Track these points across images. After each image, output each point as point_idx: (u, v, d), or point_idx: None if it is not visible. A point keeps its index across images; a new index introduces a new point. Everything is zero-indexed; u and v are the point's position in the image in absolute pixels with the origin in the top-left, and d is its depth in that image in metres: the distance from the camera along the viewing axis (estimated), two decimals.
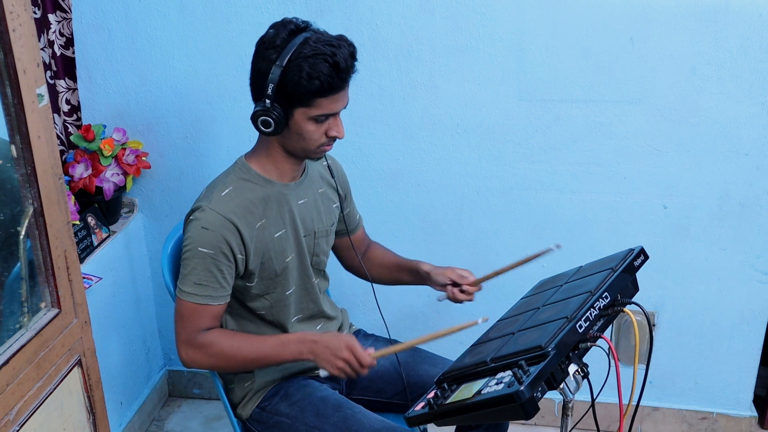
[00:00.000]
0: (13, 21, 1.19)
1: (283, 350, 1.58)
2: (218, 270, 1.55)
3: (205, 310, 1.56)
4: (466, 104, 2.19)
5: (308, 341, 1.57)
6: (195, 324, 1.57)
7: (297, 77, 1.46)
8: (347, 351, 1.53)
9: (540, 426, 2.55)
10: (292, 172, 1.66)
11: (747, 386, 2.39)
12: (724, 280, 2.28)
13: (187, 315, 1.57)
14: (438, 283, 1.79)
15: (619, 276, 1.40)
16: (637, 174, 2.20)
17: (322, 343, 1.55)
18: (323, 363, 1.55)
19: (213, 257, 1.54)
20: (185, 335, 1.58)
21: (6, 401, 1.21)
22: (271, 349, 1.59)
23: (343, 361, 1.53)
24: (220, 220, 1.53)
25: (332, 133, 1.56)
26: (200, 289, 1.55)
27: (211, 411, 2.63)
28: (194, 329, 1.57)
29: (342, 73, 1.48)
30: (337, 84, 1.49)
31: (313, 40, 1.48)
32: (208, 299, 1.56)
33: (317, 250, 1.75)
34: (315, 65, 1.45)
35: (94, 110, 2.33)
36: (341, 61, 1.47)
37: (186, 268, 1.56)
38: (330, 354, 1.54)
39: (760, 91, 2.06)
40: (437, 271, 1.79)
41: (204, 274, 1.54)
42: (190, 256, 1.55)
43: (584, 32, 2.07)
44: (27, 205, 1.29)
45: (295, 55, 1.46)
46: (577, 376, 1.27)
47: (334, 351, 1.53)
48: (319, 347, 1.55)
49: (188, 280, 1.55)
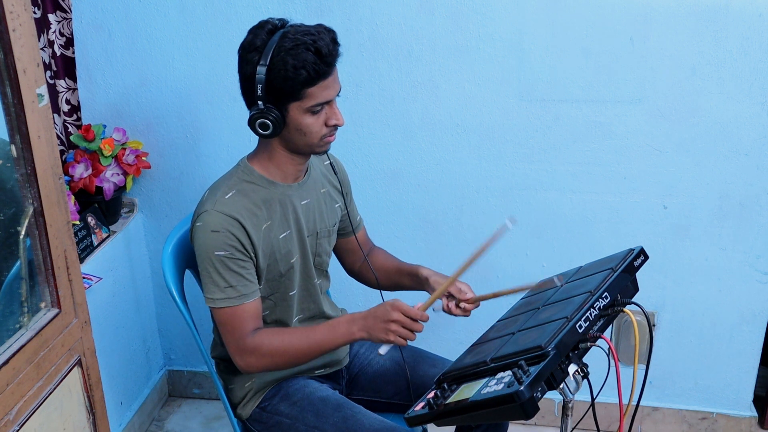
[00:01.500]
0: (13, 21, 1.19)
1: (335, 334, 1.55)
2: (241, 267, 1.54)
3: (242, 311, 1.55)
4: (466, 104, 2.19)
5: (357, 319, 1.54)
6: (240, 329, 1.55)
7: (283, 72, 1.46)
8: (395, 312, 1.49)
9: (540, 426, 2.55)
10: (295, 173, 1.66)
11: (747, 386, 2.39)
12: (724, 280, 2.28)
13: (228, 322, 1.55)
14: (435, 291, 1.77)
15: (619, 276, 1.40)
16: (637, 174, 2.20)
17: (370, 315, 1.53)
18: (378, 334, 1.51)
19: (231, 257, 1.53)
20: (234, 344, 1.56)
21: (6, 401, 1.21)
22: (323, 336, 1.56)
23: (395, 323, 1.50)
24: (227, 220, 1.53)
25: (331, 121, 1.55)
26: (230, 291, 1.54)
27: (211, 411, 2.63)
28: (241, 335, 1.55)
29: (326, 58, 1.48)
30: (324, 70, 1.48)
31: (291, 33, 1.48)
32: (242, 299, 1.55)
33: (320, 250, 1.75)
34: (298, 56, 1.45)
35: (94, 110, 2.33)
36: (323, 47, 1.46)
37: (209, 276, 1.54)
38: (380, 322, 1.51)
39: (760, 91, 2.06)
40: (435, 278, 1.73)
41: (230, 276, 1.53)
42: (209, 264, 1.53)
43: (584, 32, 2.07)
44: (27, 205, 1.29)
45: (277, 51, 1.46)
46: (577, 376, 1.27)
47: (383, 317, 1.50)
48: (369, 321, 1.52)
49: (216, 287, 1.54)
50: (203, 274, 1.55)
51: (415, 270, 1.80)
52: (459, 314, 1.68)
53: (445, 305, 1.69)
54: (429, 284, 1.73)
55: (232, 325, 1.56)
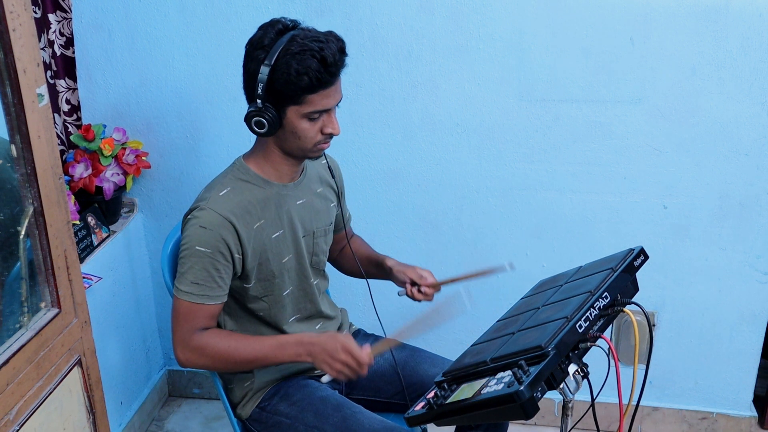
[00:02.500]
0: (13, 21, 1.19)
1: (281, 352, 1.58)
2: (215, 269, 1.55)
3: (201, 309, 1.56)
4: (466, 104, 2.19)
5: (305, 343, 1.56)
6: (191, 323, 1.57)
7: (286, 74, 1.46)
8: (344, 353, 1.51)
9: (540, 426, 2.55)
10: (291, 173, 1.66)
11: (747, 386, 2.39)
12: (724, 280, 2.28)
13: (183, 314, 1.57)
14: (398, 280, 1.80)
15: (619, 276, 1.40)
16: (637, 174, 2.20)
17: (319, 345, 1.54)
18: (322, 365, 1.54)
19: (210, 256, 1.54)
20: (181, 335, 1.58)
21: (6, 401, 1.21)
22: (269, 351, 1.58)
23: (340, 363, 1.52)
24: (219, 219, 1.53)
25: (327, 130, 1.56)
26: (197, 288, 1.55)
27: (211, 411, 2.63)
28: (190, 329, 1.57)
29: (330, 68, 1.47)
30: (326, 79, 1.48)
31: (300, 37, 1.48)
32: (204, 299, 1.56)
33: (316, 249, 1.75)
34: (303, 61, 1.45)
35: (94, 110, 2.33)
36: (329, 56, 1.46)
37: (183, 266, 1.56)
38: (327, 356, 1.52)
39: (760, 91, 2.06)
40: (399, 268, 1.80)
41: (201, 274, 1.54)
42: (188, 255, 1.54)
43: (584, 32, 2.07)
44: (27, 204, 1.29)
45: (283, 53, 1.46)
46: (577, 376, 1.27)
47: (331, 353, 1.52)
48: (316, 349, 1.54)
49: (185, 279, 1.55)
50: (180, 261, 1.57)
51: (381, 260, 1.86)
52: (421, 299, 1.77)
53: (408, 291, 1.77)
54: (393, 275, 1.81)
55: (185, 318, 1.57)
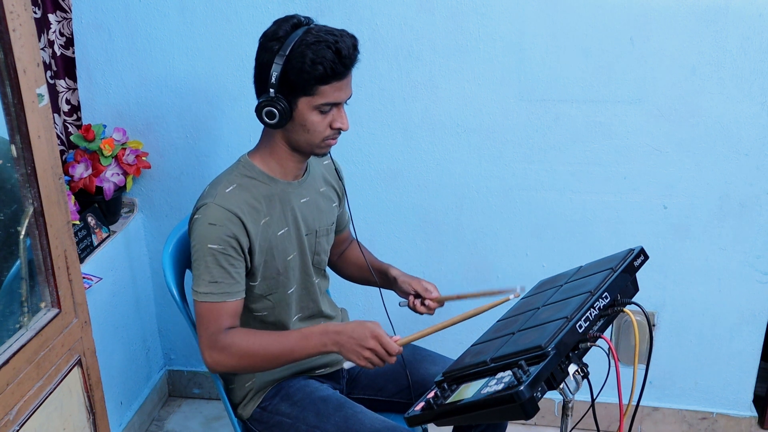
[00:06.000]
0: (13, 21, 1.19)
1: (307, 343, 1.53)
2: (230, 264, 1.54)
3: (223, 308, 1.55)
4: (466, 104, 2.19)
5: (331, 332, 1.52)
6: (216, 324, 1.54)
7: (300, 63, 1.47)
8: (373, 340, 1.47)
9: (540, 426, 2.55)
10: (296, 170, 1.66)
11: (747, 386, 2.39)
12: (724, 280, 2.28)
13: (206, 317, 1.55)
14: (402, 290, 1.78)
15: (619, 276, 1.40)
16: (637, 174, 2.20)
17: (346, 333, 1.50)
18: (349, 354, 1.50)
19: (223, 252, 1.53)
20: (207, 338, 1.55)
21: (6, 401, 1.21)
22: (295, 344, 1.54)
23: (369, 351, 1.48)
24: (226, 214, 1.53)
25: (336, 124, 1.56)
26: (215, 287, 1.54)
27: (211, 411, 2.63)
28: (215, 330, 1.54)
29: (345, 60, 1.49)
30: (340, 70, 1.49)
31: (315, 30, 1.50)
32: (224, 296, 1.54)
33: (318, 248, 1.75)
34: (318, 51, 1.46)
35: (94, 110, 2.33)
36: (344, 48, 1.48)
37: (198, 269, 1.54)
38: (355, 344, 1.48)
39: (760, 91, 2.06)
40: (404, 278, 1.77)
41: (217, 271, 1.53)
42: (201, 256, 1.53)
43: (584, 32, 2.07)
44: (27, 205, 1.29)
45: (298, 43, 1.48)
46: (577, 376, 1.27)
47: (360, 341, 1.48)
48: (344, 338, 1.50)
49: (202, 280, 1.53)
50: (194, 266, 1.56)
51: (385, 269, 1.83)
52: (424, 312, 1.76)
53: (411, 303, 1.76)
54: (397, 285, 1.78)
55: (208, 319, 1.55)
